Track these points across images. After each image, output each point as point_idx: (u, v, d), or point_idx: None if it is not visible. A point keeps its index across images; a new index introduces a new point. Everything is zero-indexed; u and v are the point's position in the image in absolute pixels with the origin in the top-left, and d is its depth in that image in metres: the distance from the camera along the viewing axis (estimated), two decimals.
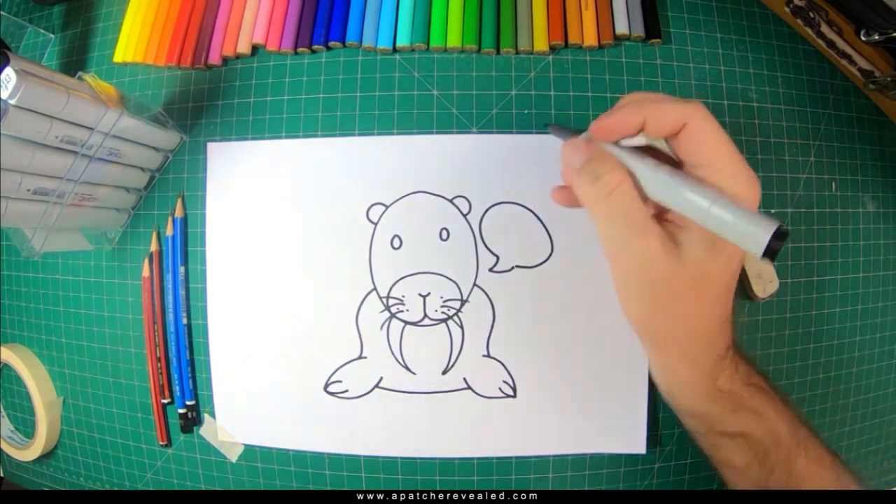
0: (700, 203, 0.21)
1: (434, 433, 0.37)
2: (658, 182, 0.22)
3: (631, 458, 0.38)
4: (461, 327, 0.37)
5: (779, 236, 0.19)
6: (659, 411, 0.38)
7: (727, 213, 0.20)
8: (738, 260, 0.23)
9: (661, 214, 0.25)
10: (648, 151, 0.25)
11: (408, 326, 0.37)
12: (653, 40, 0.38)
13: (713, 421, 0.27)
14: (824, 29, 0.39)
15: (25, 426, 0.44)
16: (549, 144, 0.37)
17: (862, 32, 0.38)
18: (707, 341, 0.25)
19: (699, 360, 0.25)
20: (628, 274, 0.24)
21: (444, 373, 0.37)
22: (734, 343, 0.26)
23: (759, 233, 0.19)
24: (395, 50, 0.38)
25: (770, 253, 0.19)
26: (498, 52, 0.38)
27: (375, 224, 0.37)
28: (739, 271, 0.24)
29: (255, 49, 0.39)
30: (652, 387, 0.37)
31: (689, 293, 0.23)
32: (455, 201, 0.37)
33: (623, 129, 0.23)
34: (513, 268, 0.37)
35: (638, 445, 0.37)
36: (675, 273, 0.22)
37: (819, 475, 0.26)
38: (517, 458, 0.37)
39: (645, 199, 0.23)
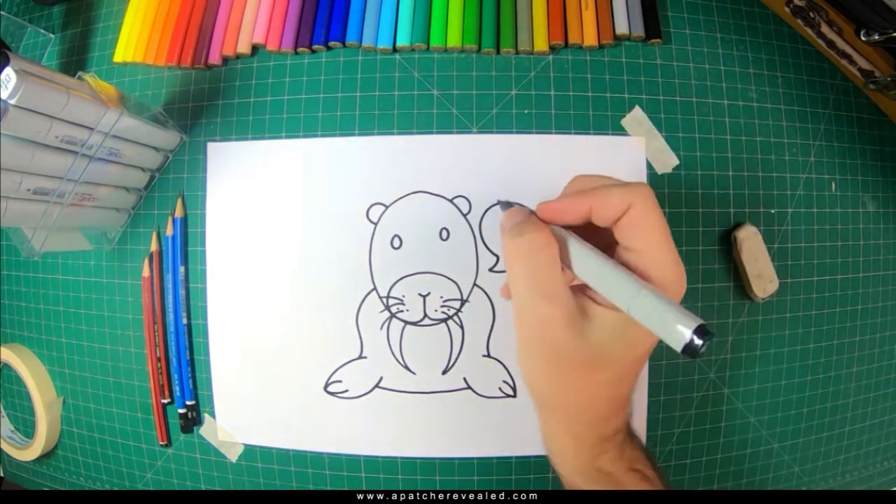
0: (626, 291, 0.21)
1: (434, 433, 0.37)
2: (588, 263, 0.22)
3: None
4: (461, 327, 0.37)
5: (700, 336, 0.19)
6: (658, 412, 0.38)
7: (651, 305, 0.20)
8: (646, 348, 0.23)
9: (582, 285, 0.24)
10: (593, 230, 0.25)
11: (408, 326, 0.37)
12: (653, 40, 0.38)
13: None
14: (824, 29, 0.40)
15: (25, 426, 0.44)
16: (549, 144, 0.37)
17: (862, 32, 0.38)
18: (594, 419, 0.24)
19: (582, 435, 0.25)
20: (527, 337, 0.24)
21: (444, 373, 0.37)
22: (627, 426, 0.26)
23: (679, 331, 0.19)
24: (395, 50, 0.38)
25: (690, 351, 0.19)
26: (498, 52, 0.38)
27: (375, 224, 0.37)
28: (646, 359, 0.24)
29: (255, 49, 0.39)
30: (651, 387, 0.37)
31: (584, 370, 0.23)
32: (455, 201, 0.37)
33: (568, 217, 0.23)
34: None
35: None
36: (574, 347, 0.22)
37: None
38: (517, 458, 0.37)
39: (571, 277, 0.23)
